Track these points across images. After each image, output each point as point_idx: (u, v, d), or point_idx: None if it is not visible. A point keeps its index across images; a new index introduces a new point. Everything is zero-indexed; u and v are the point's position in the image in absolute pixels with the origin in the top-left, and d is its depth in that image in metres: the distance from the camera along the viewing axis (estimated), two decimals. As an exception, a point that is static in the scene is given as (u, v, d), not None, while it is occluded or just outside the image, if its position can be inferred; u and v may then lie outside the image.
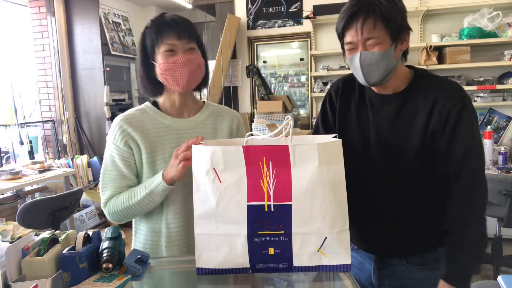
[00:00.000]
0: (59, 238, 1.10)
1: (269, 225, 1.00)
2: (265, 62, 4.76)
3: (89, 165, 4.24)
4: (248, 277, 1.06)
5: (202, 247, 1.03)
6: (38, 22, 4.36)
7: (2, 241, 2.49)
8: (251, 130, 3.58)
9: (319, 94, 4.35)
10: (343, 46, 1.18)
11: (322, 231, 1.00)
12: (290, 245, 1.01)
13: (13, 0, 4.19)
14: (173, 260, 1.23)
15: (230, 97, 4.80)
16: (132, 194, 1.19)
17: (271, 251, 1.01)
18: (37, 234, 1.10)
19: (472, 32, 3.76)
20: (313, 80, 4.48)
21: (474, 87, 3.83)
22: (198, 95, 1.40)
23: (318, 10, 4.32)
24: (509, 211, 2.65)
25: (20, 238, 1.05)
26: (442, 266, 1.14)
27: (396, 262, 1.25)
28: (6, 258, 0.96)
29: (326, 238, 1.00)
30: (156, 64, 1.21)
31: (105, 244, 1.06)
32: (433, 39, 3.99)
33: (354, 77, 1.22)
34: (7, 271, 0.95)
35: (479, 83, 3.85)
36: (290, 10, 4.55)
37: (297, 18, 4.54)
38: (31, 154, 3.89)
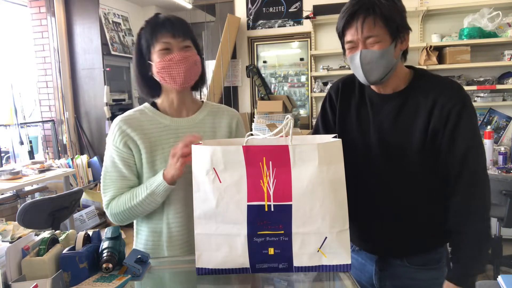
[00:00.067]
0: (59, 238, 1.10)
1: (269, 225, 1.00)
2: (265, 62, 4.76)
3: (89, 165, 4.24)
4: (248, 277, 1.06)
5: (202, 247, 1.03)
6: (38, 22, 4.36)
7: (2, 241, 2.49)
8: (251, 130, 3.58)
9: (319, 94, 4.35)
10: (344, 46, 1.18)
11: (322, 231, 1.00)
12: (290, 245, 1.01)
13: (13, 0, 4.19)
14: (173, 260, 1.23)
15: (230, 97, 4.80)
16: (133, 195, 1.19)
17: (271, 251, 1.01)
18: (37, 234, 1.10)
19: (472, 32, 3.76)
20: (313, 80, 4.48)
21: (474, 87, 3.83)
22: (198, 95, 1.40)
23: (318, 10, 4.32)
24: (509, 211, 2.65)
25: (20, 238, 1.05)
26: (444, 266, 1.14)
27: (397, 263, 1.25)
28: (6, 258, 0.96)
29: (326, 238, 1.00)
30: (152, 63, 1.21)
31: (105, 244, 1.06)
32: (433, 39, 3.99)
33: (354, 77, 1.22)
34: (7, 271, 0.95)
35: (479, 83, 3.85)
36: (290, 10, 4.55)
37: (297, 18, 4.54)
38: (31, 154, 3.89)
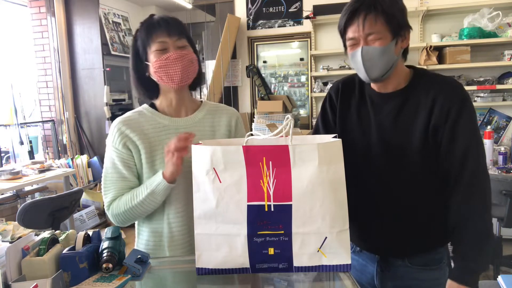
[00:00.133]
0: (59, 238, 1.10)
1: (269, 225, 1.00)
2: (265, 62, 4.76)
3: (89, 165, 4.24)
4: (248, 277, 1.06)
5: (202, 247, 1.03)
6: (38, 22, 4.36)
7: (2, 241, 2.49)
8: (251, 130, 3.58)
9: (319, 94, 4.35)
10: (345, 43, 1.19)
11: (322, 231, 1.00)
12: (290, 245, 1.01)
13: (13, 0, 4.19)
14: (173, 260, 1.23)
15: (230, 97, 4.80)
16: (134, 195, 1.19)
17: (271, 251, 1.01)
18: (37, 234, 1.10)
19: (472, 32, 3.76)
20: (313, 80, 4.48)
21: (474, 87, 3.83)
22: (197, 95, 1.40)
23: (318, 10, 4.32)
24: (509, 211, 2.65)
25: (20, 238, 1.05)
26: (445, 267, 1.14)
27: (398, 263, 1.25)
28: (6, 258, 0.96)
29: (326, 238, 1.00)
30: (149, 64, 1.21)
31: (105, 244, 1.06)
32: (433, 39, 3.99)
33: (354, 78, 1.23)
34: (7, 271, 0.95)
35: (479, 83, 3.85)
36: (290, 10, 4.55)
37: (297, 18, 4.54)
38: (31, 154, 3.89)
